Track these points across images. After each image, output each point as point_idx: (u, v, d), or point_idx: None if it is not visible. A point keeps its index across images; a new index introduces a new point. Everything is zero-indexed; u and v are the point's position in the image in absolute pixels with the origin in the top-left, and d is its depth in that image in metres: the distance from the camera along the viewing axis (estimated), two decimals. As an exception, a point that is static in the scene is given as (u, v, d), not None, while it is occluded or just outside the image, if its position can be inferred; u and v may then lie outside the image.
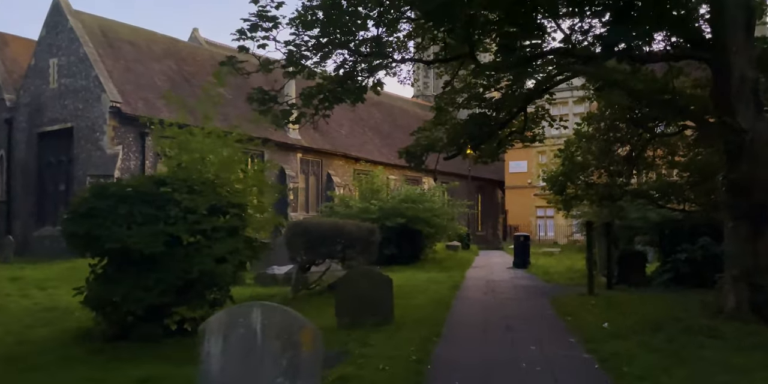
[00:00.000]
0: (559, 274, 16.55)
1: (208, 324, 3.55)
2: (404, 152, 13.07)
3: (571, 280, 15.05)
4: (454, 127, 12.55)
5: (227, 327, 3.47)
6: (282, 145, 27.09)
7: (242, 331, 3.44)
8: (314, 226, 11.88)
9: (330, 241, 11.84)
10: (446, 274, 16.45)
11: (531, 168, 37.88)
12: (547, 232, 37.49)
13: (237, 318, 3.46)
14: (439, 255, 22.50)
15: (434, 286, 13.48)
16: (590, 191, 16.90)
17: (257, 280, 14.24)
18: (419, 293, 12.06)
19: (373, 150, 33.50)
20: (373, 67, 9.66)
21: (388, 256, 18.59)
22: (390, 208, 19.08)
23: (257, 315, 3.41)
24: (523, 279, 15.58)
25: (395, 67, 14.79)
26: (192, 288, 8.22)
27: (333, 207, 19.92)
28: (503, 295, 12.13)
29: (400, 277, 15.51)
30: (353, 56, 8.39)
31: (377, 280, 8.76)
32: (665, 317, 8.53)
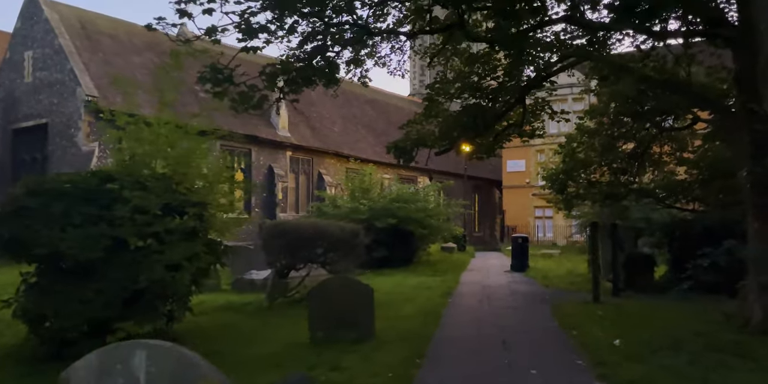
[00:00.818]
0: (559, 278, 15.49)
1: (74, 371, 2.48)
2: (393, 147, 12.00)
3: (573, 284, 14.00)
4: (447, 119, 11.48)
5: (99, 376, 2.39)
6: (270, 143, 26.05)
7: (120, 382, 2.36)
8: (293, 227, 10.82)
9: (310, 244, 10.77)
10: (439, 279, 15.38)
11: (529, 167, 36.82)
12: (545, 232, 36.44)
13: (114, 363, 2.40)
14: (433, 257, 21.44)
15: (425, 292, 12.41)
16: (593, 190, 15.86)
17: (234, 286, 13.16)
18: (407, 302, 10.99)
19: (366, 148, 32.43)
20: (348, 41, 8.55)
21: (379, 259, 17.55)
22: (381, 208, 18.01)
23: (141, 359, 2.35)
24: (521, 284, 14.52)
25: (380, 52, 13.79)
26: (140, 299, 7.15)
27: (321, 207, 18.85)
28: (500, 302, 11.07)
29: (389, 283, 14.48)
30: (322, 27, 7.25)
31: (356, 290, 7.69)
32: (684, 331, 7.48)
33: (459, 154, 13.79)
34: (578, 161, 15.46)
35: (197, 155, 8.55)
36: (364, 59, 14.25)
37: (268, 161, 26.06)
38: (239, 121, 25.02)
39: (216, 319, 9.54)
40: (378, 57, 14.63)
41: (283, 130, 26.90)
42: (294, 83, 7.22)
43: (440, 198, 27.18)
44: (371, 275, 16.03)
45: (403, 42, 14.59)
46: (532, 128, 13.46)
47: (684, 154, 15.63)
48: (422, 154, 12.48)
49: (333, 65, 6.83)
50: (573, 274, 16.17)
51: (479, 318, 9.12)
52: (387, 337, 7.63)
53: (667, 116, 14.68)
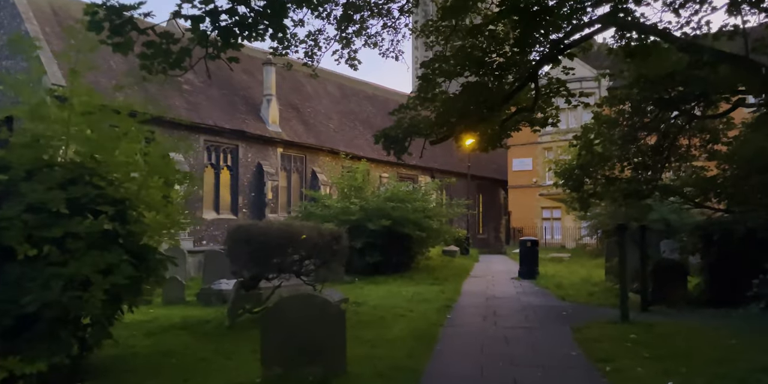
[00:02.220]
0: (575, 287, 13.66)
1: None
2: (381, 136, 10.23)
3: (592, 296, 12.19)
4: (444, 103, 9.69)
5: None
6: (259, 139, 24.33)
7: None
8: (260, 231, 9.05)
9: (281, 251, 9.00)
10: (438, 288, 13.59)
11: (536, 166, 34.97)
12: (553, 235, 34.56)
13: None
14: (433, 262, 19.65)
15: (420, 306, 10.62)
16: (611, 188, 14.06)
17: (199, 298, 11.42)
18: (398, 319, 9.21)
19: (363, 145, 30.64)
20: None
21: (372, 265, 15.83)
22: (374, 208, 16.24)
23: None
24: (532, 295, 12.72)
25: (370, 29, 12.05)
26: (35, 326, 5.40)
27: (308, 208, 17.09)
28: (508, 320, 9.27)
29: (380, 293, 12.70)
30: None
31: (323, 312, 5.92)
32: (750, 367, 5.69)
33: (459, 145, 11.95)
34: (595, 155, 13.67)
35: (128, 139, 6.77)
36: (352, 38, 12.55)
37: (257, 158, 24.31)
38: (226, 115, 23.33)
39: (160, 343, 7.77)
40: (368, 36, 12.91)
41: (273, 125, 25.16)
42: (228, 32, 5.45)
43: (442, 197, 25.41)
44: (362, 283, 14.27)
45: (396, 18, 12.86)
46: (545, 116, 11.67)
47: (716, 147, 13.83)
48: (416, 145, 10.70)
49: (279, 5, 5.05)
50: (590, 283, 14.35)
51: (483, 344, 7.32)
52: (363, 372, 5.86)
53: (698, 103, 12.88)
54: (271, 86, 25.32)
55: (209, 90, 23.81)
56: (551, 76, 10.51)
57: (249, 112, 24.77)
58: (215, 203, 22.82)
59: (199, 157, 21.98)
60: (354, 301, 11.03)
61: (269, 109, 25.06)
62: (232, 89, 25.27)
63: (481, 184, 38.01)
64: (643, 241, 10.26)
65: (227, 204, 23.31)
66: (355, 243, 15.50)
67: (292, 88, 29.44)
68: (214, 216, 22.34)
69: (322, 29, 11.41)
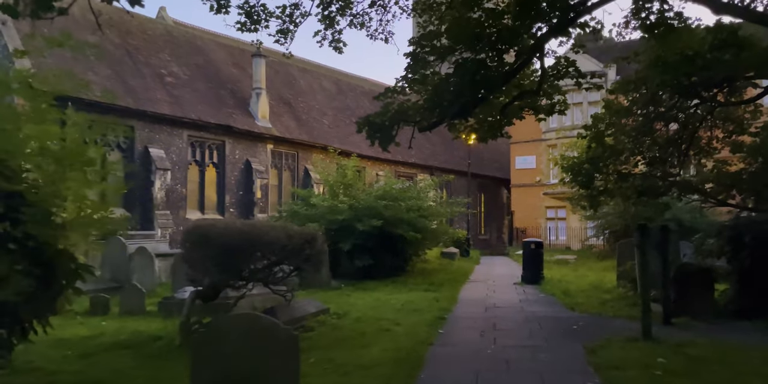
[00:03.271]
0: (584, 294, 12.33)
1: None
2: (364, 124, 8.93)
3: (605, 305, 10.84)
4: (437, 85, 8.38)
5: None
6: (248, 135, 23.05)
7: None
8: (219, 232, 7.74)
9: (245, 255, 7.70)
10: (433, 295, 12.28)
11: (540, 164, 33.59)
12: (558, 235, 33.16)
13: None
14: (430, 265, 18.34)
15: (410, 317, 9.31)
16: (624, 184, 12.75)
17: (161, 309, 10.10)
18: (381, 335, 7.90)
19: (359, 142, 29.15)
20: None
21: (362, 269, 14.55)
22: (364, 206, 14.93)
23: None
24: (536, 303, 11.39)
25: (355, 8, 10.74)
26: None
27: (293, 207, 15.81)
28: (510, 337, 7.95)
29: (367, 301, 11.38)
30: None
31: (270, 337, 4.61)
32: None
33: (455, 136, 10.59)
34: (607, 148, 12.36)
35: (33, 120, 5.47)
36: (336, 17, 11.24)
37: (246, 155, 23.03)
38: (212, 110, 22.06)
39: (93, 367, 6.49)
40: (353, 15, 11.61)
41: (263, 121, 23.87)
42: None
43: (442, 196, 24.08)
44: (349, 290, 12.97)
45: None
46: (551, 102, 10.35)
47: (740, 138, 12.51)
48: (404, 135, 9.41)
49: None
50: (600, 289, 13.01)
51: (479, 370, 6.00)
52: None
53: (722, 89, 11.57)
54: (261, 79, 24.03)
55: (195, 83, 22.55)
56: (559, 54, 9.20)
57: (237, 106, 23.49)
58: (200, 203, 21.54)
59: (182, 154, 20.70)
60: (335, 311, 9.73)
61: (258, 103, 23.78)
62: (220, 83, 24.00)
63: (483, 182, 36.69)
64: (665, 243, 8.93)
65: (213, 203, 22.04)
66: (343, 245, 14.24)
67: (285, 82, 28.16)
68: (199, 216, 21.05)
69: (298, 3, 10.10)
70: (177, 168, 20.44)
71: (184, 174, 20.78)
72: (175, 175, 20.25)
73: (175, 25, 26.88)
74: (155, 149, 19.56)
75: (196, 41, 25.18)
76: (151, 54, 21.92)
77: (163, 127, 20.04)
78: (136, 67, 20.72)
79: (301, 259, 8.13)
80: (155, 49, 22.40)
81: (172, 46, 23.41)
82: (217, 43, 26.43)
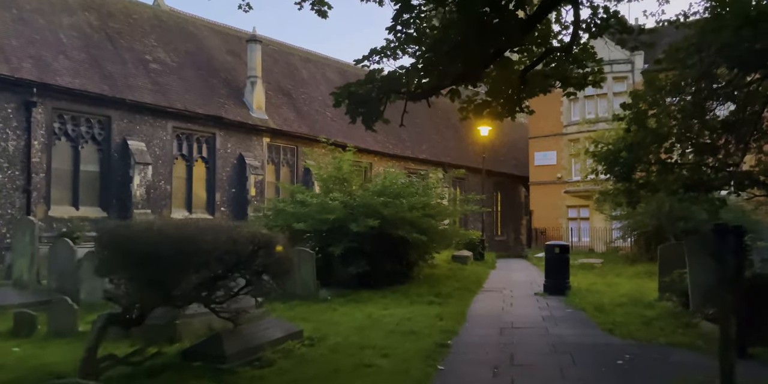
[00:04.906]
0: (621, 310, 10.16)
1: None
2: (343, 95, 6.88)
3: (651, 327, 8.66)
4: (434, 39, 6.30)
5: None
6: (241, 127, 21.13)
7: None
8: (137, 234, 5.74)
9: (175, 266, 5.68)
10: (437, 310, 10.20)
11: (561, 160, 31.28)
12: (581, 237, 30.77)
13: None
14: (438, 271, 16.24)
15: (402, 344, 7.25)
16: (669, 176, 10.56)
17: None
18: (359, 373, 5.85)
19: (366, 136, 27.16)
20: None
21: (357, 277, 12.49)
22: (360, 204, 12.89)
23: None
24: (564, 322, 9.25)
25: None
26: None
27: (278, 204, 13.82)
28: (533, 377, 5.85)
29: (355, 319, 9.28)
30: None
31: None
32: None
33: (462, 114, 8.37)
34: (649, 132, 10.18)
35: None
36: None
37: (239, 149, 21.09)
38: (201, 99, 20.15)
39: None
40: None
41: (258, 112, 21.92)
42: None
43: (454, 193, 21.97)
44: (338, 302, 10.95)
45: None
46: (583, 72, 8.21)
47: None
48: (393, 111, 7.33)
49: None
50: (639, 303, 10.81)
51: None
52: None
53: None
54: (256, 67, 22.09)
55: (183, 70, 20.67)
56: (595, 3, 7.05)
57: (230, 96, 21.58)
58: (187, 201, 19.64)
59: (167, 147, 18.81)
60: (310, 335, 7.69)
61: (254, 93, 21.84)
62: (212, 71, 22.11)
63: (499, 180, 34.46)
64: (740, 249, 6.74)
65: (202, 201, 20.13)
66: (334, 249, 12.22)
67: (285, 72, 26.22)
68: (186, 215, 19.16)
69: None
70: (160, 163, 18.56)
71: (169, 169, 18.89)
72: (158, 170, 18.39)
73: (168, 11, 25.07)
74: (135, 142, 17.69)
75: (187, 27, 23.32)
76: (135, 39, 20.08)
77: (145, 117, 18.17)
78: (116, 52, 18.88)
79: (253, 272, 6.10)
80: (140, 33, 20.56)
81: (160, 31, 21.56)
82: (212, 30, 24.57)
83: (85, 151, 17.05)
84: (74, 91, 16.37)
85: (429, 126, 33.68)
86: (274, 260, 6.21)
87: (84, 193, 16.98)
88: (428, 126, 33.59)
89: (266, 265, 6.16)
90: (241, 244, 5.80)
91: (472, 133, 31.81)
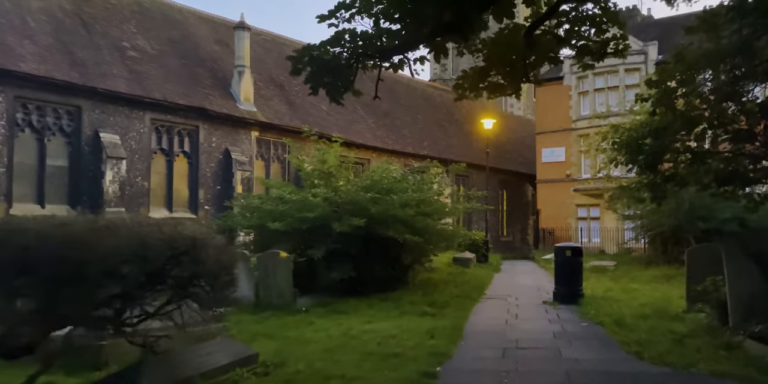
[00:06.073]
0: (645, 324, 8.65)
1: None
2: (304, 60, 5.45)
3: (683, 346, 7.16)
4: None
5: None
6: (227, 119, 19.71)
7: None
8: (6, 237, 4.31)
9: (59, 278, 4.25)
10: (430, 323, 8.74)
11: (570, 156, 29.72)
12: (591, 237, 29.17)
13: None
14: (437, 275, 14.77)
15: (380, 372, 5.80)
16: (701, 167, 9.08)
17: (6, 350, 6.70)
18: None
19: (364, 131, 25.91)
20: None
21: (344, 283, 11.05)
22: (345, 201, 11.44)
23: None
24: (580, 341, 7.76)
25: None
26: None
27: (252, 200, 12.38)
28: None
29: (330, 336, 7.75)
30: None
31: None
32: None
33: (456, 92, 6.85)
34: (678, 115, 8.69)
35: None
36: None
37: (224, 143, 19.69)
38: (183, 89, 18.74)
39: None
40: None
41: (246, 104, 20.51)
42: None
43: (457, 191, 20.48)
44: (317, 314, 9.52)
45: None
46: (602, 39, 6.72)
47: None
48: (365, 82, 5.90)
49: None
50: (664, 315, 9.29)
51: None
52: None
53: None
54: (244, 56, 20.67)
55: (164, 59, 19.28)
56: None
57: (216, 86, 20.18)
58: (167, 198, 18.24)
59: (144, 140, 17.42)
60: (267, 359, 6.25)
61: (241, 83, 20.43)
62: (197, 60, 20.71)
63: (505, 178, 32.93)
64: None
65: (184, 199, 18.72)
66: (315, 252, 10.78)
67: (278, 62, 24.65)
68: (165, 214, 17.76)
69: None
70: (137, 157, 17.18)
71: (147, 164, 17.50)
72: (134, 165, 17.00)
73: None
74: (108, 134, 16.30)
75: (173, 14, 21.94)
76: (112, 25, 18.70)
77: (119, 108, 16.78)
78: (90, 38, 17.51)
79: (176, 282, 4.66)
80: (118, 19, 19.20)
81: (141, 18, 20.17)
82: (200, 18, 23.17)
83: (52, 144, 15.68)
84: (39, 78, 15.00)
85: (431, 122, 32.22)
86: (206, 269, 4.76)
87: (51, 189, 15.60)
88: (430, 122, 32.12)
89: (195, 274, 4.72)
90: (155, 249, 4.35)
91: (476, 128, 30.33)
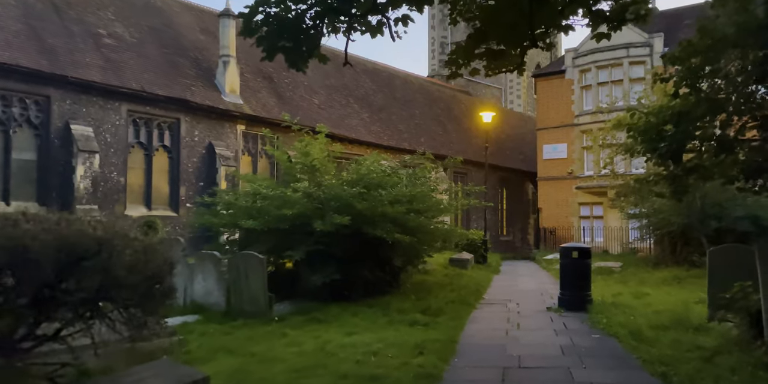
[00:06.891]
0: (665, 335, 7.58)
1: None
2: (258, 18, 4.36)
3: (713, 364, 6.10)
4: None
5: None
6: (210, 112, 18.64)
7: None
8: None
9: None
10: (420, 334, 7.67)
11: (572, 153, 28.66)
12: (594, 237, 28.10)
13: None
14: (432, 278, 13.73)
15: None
16: (727, 158, 8.03)
17: None
18: None
19: (358, 125, 24.84)
20: None
21: (328, 287, 9.98)
22: (329, 196, 10.36)
23: None
24: (593, 358, 6.68)
25: None
26: None
27: (224, 196, 11.32)
28: None
29: (302, 350, 6.57)
30: None
31: None
32: None
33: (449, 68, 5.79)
34: (703, 98, 7.62)
35: None
36: None
37: (208, 137, 18.61)
38: (163, 80, 17.65)
39: None
40: None
41: (232, 96, 19.43)
42: None
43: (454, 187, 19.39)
44: (294, 323, 8.46)
45: None
46: (621, 3, 5.65)
47: None
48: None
49: None
50: (685, 324, 8.21)
51: None
52: None
53: None
54: (230, 45, 19.58)
55: (143, 47, 18.20)
56: None
57: (199, 77, 19.10)
58: (145, 195, 17.17)
59: (121, 133, 16.34)
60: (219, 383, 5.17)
61: (226, 74, 19.35)
62: (180, 49, 19.63)
63: (505, 176, 31.89)
64: None
65: (164, 196, 17.65)
66: (293, 253, 9.70)
67: (268, 54, 23.69)
68: (144, 212, 16.71)
69: None
70: (112, 151, 16.11)
71: (123, 159, 16.43)
72: (109, 159, 15.93)
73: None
74: (80, 126, 15.22)
75: (154, 1, 20.84)
76: (87, 11, 17.63)
77: (93, 98, 15.71)
78: (62, 24, 16.43)
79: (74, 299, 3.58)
80: (95, 5, 18.12)
81: (120, 4, 19.09)
82: (184, 6, 22.12)
83: (18, 136, 14.61)
84: (4, 66, 13.94)
85: (429, 117, 31.14)
86: (121, 278, 3.68)
87: (17, 185, 14.53)
88: (428, 117, 31.05)
89: (104, 286, 3.64)
90: (39, 256, 3.27)
91: (475, 125, 29.30)
